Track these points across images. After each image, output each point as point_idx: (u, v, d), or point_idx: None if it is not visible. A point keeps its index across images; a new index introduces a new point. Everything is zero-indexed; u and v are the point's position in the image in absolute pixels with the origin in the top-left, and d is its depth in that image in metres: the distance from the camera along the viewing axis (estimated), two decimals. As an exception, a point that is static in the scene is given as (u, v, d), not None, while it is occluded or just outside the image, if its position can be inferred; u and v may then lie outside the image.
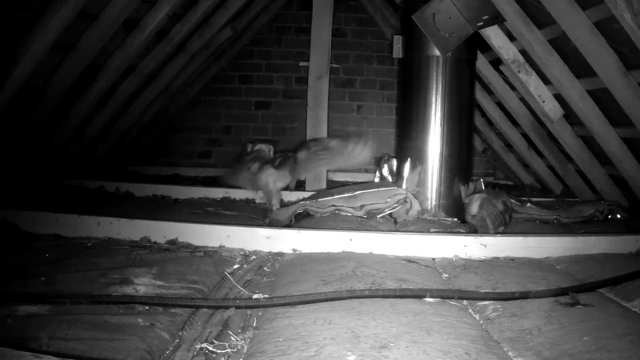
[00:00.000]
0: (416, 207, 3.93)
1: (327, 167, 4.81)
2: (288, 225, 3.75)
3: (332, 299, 2.14)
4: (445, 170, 4.05)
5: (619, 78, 3.34)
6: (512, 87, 4.73)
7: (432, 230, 3.56)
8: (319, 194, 4.19)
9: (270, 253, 3.02)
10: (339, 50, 6.82)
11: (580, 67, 3.69)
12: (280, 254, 3.00)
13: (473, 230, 3.51)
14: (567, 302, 2.21)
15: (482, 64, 4.68)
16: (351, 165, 4.38)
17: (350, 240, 3.03)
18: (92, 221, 3.16)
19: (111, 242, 3.02)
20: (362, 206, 3.88)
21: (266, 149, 4.38)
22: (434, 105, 4.03)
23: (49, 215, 3.20)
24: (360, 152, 3.85)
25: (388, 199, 3.88)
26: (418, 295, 2.23)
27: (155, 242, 3.04)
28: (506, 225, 3.57)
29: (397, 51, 4.22)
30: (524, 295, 2.25)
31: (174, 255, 2.75)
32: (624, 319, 2.02)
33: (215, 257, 2.79)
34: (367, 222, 3.77)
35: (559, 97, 4.15)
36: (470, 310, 2.18)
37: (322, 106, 4.87)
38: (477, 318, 2.11)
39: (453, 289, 2.42)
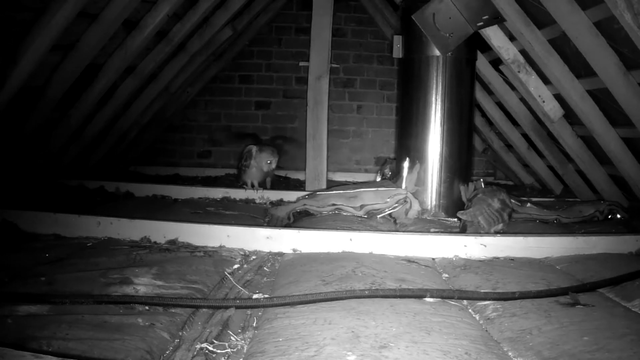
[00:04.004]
0: (416, 207, 3.93)
1: None
2: (287, 225, 3.76)
3: (332, 299, 2.14)
4: (445, 170, 4.05)
5: (619, 78, 3.34)
6: (512, 87, 4.73)
7: (432, 230, 3.56)
8: (319, 193, 4.18)
9: (270, 253, 3.01)
10: (339, 50, 6.81)
11: (580, 67, 3.70)
12: (281, 254, 3.00)
13: (463, 229, 3.50)
14: (567, 302, 2.21)
15: (482, 64, 4.68)
16: None
17: (350, 240, 3.03)
18: (92, 221, 3.16)
19: (111, 242, 3.02)
20: (362, 206, 3.88)
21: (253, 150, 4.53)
22: (434, 105, 4.02)
23: (49, 215, 3.20)
24: None
25: (388, 199, 3.88)
26: (418, 295, 2.23)
27: (155, 242, 3.04)
28: (505, 223, 3.57)
29: (397, 51, 4.22)
30: (524, 295, 2.25)
31: (174, 255, 2.75)
32: (624, 319, 2.02)
33: (215, 257, 2.79)
34: (367, 222, 3.77)
35: (558, 97, 4.15)
36: (470, 310, 2.18)
37: (322, 106, 4.86)
38: (477, 318, 2.11)
39: (453, 289, 2.43)
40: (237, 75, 7.03)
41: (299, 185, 5.64)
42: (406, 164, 4.10)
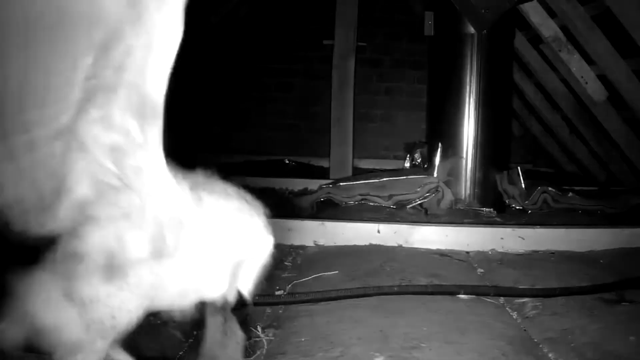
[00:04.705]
0: (449, 196, 3.90)
1: None
2: (311, 215, 3.75)
3: (358, 296, 2.13)
4: (480, 157, 4.01)
5: (669, 57, 3.30)
6: (553, 68, 4.69)
7: (466, 221, 3.55)
8: (344, 181, 4.16)
9: (291, 246, 3.01)
10: (366, 27, 6.76)
11: (626, 45, 3.65)
12: (303, 248, 3.00)
13: None
14: (612, 298, 2.19)
15: (521, 42, 4.63)
16: None
17: (378, 232, 3.02)
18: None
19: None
20: (390, 196, 3.87)
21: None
22: (468, 87, 3.98)
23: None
24: None
25: (418, 189, 3.86)
26: (451, 291, 2.22)
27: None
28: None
29: (428, 28, 4.18)
30: (566, 292, 2.24)
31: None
32: (674, 318, 2.01)
33: (233, 250, 2.79)
34: (396, 212, 3.75)
35: (602, 78, 4.11)
36: (507, 308, 2.17)
37: (348, 88, 4.84)
38: (515, 317, 2.10)
39: (489, 285, 2.41)
40: (256, 54, 7.03)
41: (322, 172, 5.62)
42: (439, 151, 4.07)
